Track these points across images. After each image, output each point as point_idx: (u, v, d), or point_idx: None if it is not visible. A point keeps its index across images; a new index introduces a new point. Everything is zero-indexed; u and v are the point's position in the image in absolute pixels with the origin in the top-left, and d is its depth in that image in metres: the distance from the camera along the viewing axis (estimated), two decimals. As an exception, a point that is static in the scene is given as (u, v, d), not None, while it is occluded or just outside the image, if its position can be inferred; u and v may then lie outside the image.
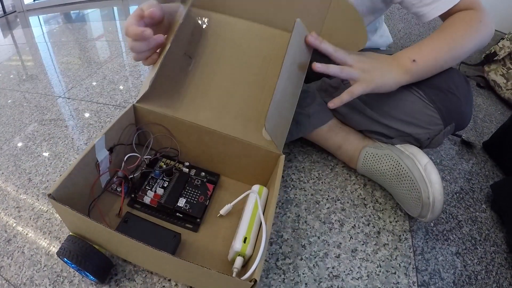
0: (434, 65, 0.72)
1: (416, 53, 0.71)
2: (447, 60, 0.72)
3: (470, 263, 0.70)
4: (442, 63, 0.72)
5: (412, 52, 0.71)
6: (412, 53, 0.71)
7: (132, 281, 0.61)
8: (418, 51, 0.72)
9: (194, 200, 0.67)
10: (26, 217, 0.74)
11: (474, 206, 0.84)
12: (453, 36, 0.72)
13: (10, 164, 0.90)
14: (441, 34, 0.73)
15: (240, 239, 0.56)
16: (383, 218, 0.76)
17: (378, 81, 0.68)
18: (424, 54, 0.71)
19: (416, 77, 0.72)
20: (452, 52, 0.72)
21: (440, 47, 0.72)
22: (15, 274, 0.63)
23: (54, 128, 1.03)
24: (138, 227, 0.60)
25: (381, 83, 0.69)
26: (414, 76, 0.71)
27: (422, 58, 0.71)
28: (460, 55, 0.73)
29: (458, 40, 0.72)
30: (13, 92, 1.30)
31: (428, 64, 0.71)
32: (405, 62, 0.70)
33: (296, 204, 0.78)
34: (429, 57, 0.71)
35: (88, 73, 1.40)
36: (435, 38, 0.73)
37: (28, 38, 2.10)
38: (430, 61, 0.71)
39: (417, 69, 0.70)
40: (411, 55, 0.71)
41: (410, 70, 0.70)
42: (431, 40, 0.73)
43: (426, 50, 0.72)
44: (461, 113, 0.73)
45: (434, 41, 0.73)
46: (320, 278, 0.64)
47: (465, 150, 1.03)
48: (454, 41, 0.72)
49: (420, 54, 0.71)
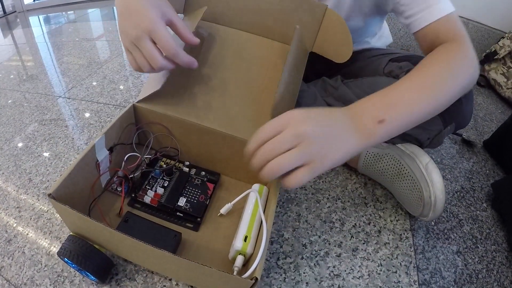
0: (407, 123, 0.56)
1: (385, 108, 0.53)
2: (425, 114, 0.57)
3: (471, 261, 0.70)
4: (420, 118, 0.57)
5: (379, 107, 0.54)
6: (379, 109, 0.53)
7: (133, 281, 0.61)
8: (388, 105, 0.54)
9: (195, 199, 0.67)
10: (27, 217, 0.74)
11: (475, 205, 0.84)
12: (435, 79, 0.58)
13: (10, 164, 0.90)
14: (419, 78, 0.58)
15: (241, 237, 0.56)
16: (384, 217, 0.76)
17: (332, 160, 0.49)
18: (397, 110, 0.54)
19: (380, 141, 0.54)
20: (433, 102, 0.57)
21: (418, 98, 0.56)
22: (16, 274, 0.63)
23: (55, 128, 1.03)
24: (138, 227, 0.60)
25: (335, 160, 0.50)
26: (377, 140, 0.53)
27: (394, 115, 0.53)
28: (443, 104, 0.59)
29: (441, 85, 0.58)
30: (13, 92, 1.30)
31: (400, 123, 0.55)
32: (367, 124, 0.52)
33: (297, 203, 0.78)
34: (402, 113, 0.54)
35: (88, 73, 1.40)
36: (411, 85, 0.58)
37: (28, 38, 2.10)
38: (404, 118, 0.55)
39: (385, 131, 0.53)
40: (377, 112, 0.53)
41: (373, 134, 0.52)
42: (406, 86, 0.57)
43: (399, 103, 0.55)
44: (461, 113, 0.72)
45: (411, 88, 0.57)
46: (321, 277, 0.64)
47: (465, 149, 1.03)
48: (435, 86, 0.57)
49: (390, 109, 0.53)
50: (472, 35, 1.59)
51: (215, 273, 0.47)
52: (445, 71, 0.59)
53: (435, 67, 0.60)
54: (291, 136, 0.47)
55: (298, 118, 0.48)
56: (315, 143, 0.47)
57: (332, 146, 0.49)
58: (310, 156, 0.47)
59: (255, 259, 0.48)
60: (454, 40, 0.64)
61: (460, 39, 0.65)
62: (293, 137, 0.47)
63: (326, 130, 0.49)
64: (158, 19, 0.58)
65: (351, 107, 0.54)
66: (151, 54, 0.58)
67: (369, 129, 0.52)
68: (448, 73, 0.59)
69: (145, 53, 0.58)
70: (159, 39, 0.58)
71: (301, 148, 0.47)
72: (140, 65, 0.60)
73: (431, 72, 0.59)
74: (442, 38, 0.66)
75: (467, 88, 0.63)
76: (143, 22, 0.57)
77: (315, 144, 0.47)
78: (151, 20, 0.57)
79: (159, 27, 0.57)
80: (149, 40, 0.57)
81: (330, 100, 0.83)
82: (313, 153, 0.47)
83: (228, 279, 0.48)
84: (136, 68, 0.61)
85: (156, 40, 0.58)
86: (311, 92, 0.83)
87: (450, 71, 0.59)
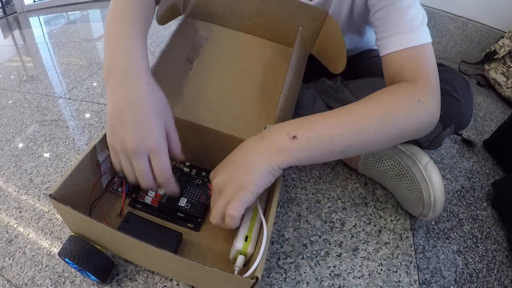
0: (327, 147, 0.54)
1: (300, 126, 0.54)
2: (351, 144, 0.55)
3: (471, 261, 0.70)
4: (343, 147, 0.55)
5: (294, 125, 0.55)
6: (293, 126, 0.54)
7: (133, 281, 0.61)
8: (304, 124, 0.55)
9: (195, 199, 0.67)
10: (28, 218, 0.74)
11: (475, 204, 0.84)
12: (370, 113, 0.56)
13: (11, 164, 0.90)
14: (352, 109, 0.57)
15: (242, 237, 0.56)
16: (384, 217, 0.76)
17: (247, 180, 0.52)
18: (314, 130, 0.54)
19: (297, 159, 0.54)
20: (362, 135, 0.55)
21: (342, 124, 0.55)
22: (17, 275, 0.63)
23: (55, 129, 1.03)
24: (139, 227, 0.60)
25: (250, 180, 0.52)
26: (293, 156, 0.53)
27: (308, 134, 0.53)
28: (376, 142, 0.57)
29: (375, 120, 0.56)
30: (13, 93, 1.30)
31: (316, 144, 0.54)
32: (279, 139, 0.53)
33: (297, 203, 0.78)
34: (319, 133, 0.54)
35: (88, 74, 1.40)
36: (340, 112, 0.57)
37: (28, 39, 2.10)
38: (322, 139, 0.54)
39: (298, 148, 0.53)
40: (291, 128, 0.54)
41: (286, 149, 0.53)
42: (334, 113, 0.57)
43: (317, 124, 0.55)
44: (461, 114, 0.72)
45: (337, 115, 0.56)
46: (321, 277, 0.64)
47: (465, 148, 1.03)
48: (368, 120, 0.55)
49: (305, 128, 0.54)
50: (471, 35, 1.61)
51: (216, 273, 0.47)
52: (385, 111, 0.56)
53: (375, 104, 0.58)
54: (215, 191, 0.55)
55: (215, 181, 0.56)
56: (224, 182, 0.53)
57: (241, 172, 0.53)
58: (228, 193, 0.52)
59: (256, 259, 0.48)
60: (415, 81, 0.60)
61: (422, 81, 0.60)
62: (216, 191, 0.55)
63: (231, 167, 0.55)
64: (162, 138, 0.55)
65: (263, 131, 0.57)
66: (144, 175, 0.54)
67: (280, 145, 0.53)
68: (387, 114, 0.56)
69: (138, 171, 0.54)
70: (159, 165, 0.54)
71: (220, 194, 0.53)
72: (126, 174, 0.56)
73: (367, 105, 0.57)
74: (405, 74, 0.62)
75: (414, 135, 0.60)
76: (147, 140, 0.52)
77: (224, 183, 0.53)
78: (156, 140, 0.53)
79: (162, 150, 0.54)
80: (147, 159, 0.53)
81: (330, 101, 0.83)
82: (228, 190, 0.52)
83: (229, 278, 0.48)
84: (119, 171, 0.57)
85: (155, 163, 0.54)
86: (310, 93, 0.83)
87: (391, 113, 0.56)
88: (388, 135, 0.57)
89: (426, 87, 0.60)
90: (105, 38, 0.60)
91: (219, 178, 0.55)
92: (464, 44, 1.65)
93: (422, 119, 0.59)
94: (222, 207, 0.52)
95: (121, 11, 0.62)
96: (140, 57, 0.57)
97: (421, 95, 0.58)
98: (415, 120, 0.58)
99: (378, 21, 0.68)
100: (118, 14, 0.61)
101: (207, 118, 0.68)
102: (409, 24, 0.63)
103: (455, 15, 1.62)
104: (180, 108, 0.68)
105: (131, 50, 0.57)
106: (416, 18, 0.64)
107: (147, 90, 0.55)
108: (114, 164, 0.57)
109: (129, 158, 0.53)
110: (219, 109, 0.69)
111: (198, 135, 0.69)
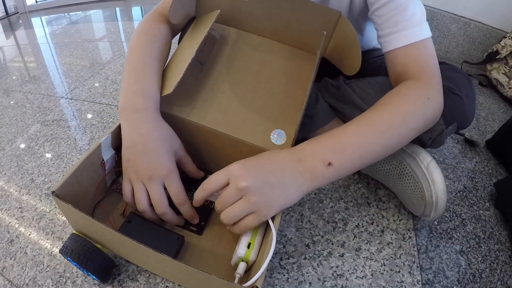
0: (357, 166, 0.56)
1: (334, 151, 0.54)
2: (375, 157, 0.57)
3: (474, 261, 0.70)
4: (370, 160, 0.57)
5: (327, 150, 0.54)
6: (327, 151, 0.54)
7: (135, 281, 0.61)
8: (336, 147, 0.55)
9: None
10: (29, 218, 0.74)
11: (478, 204, 0.83)
12: (391, 123, 0.57)
13: (12, 164, 0.90)
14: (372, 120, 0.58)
15: (244, 244, 0.55)
16: (386, 217, 0.76)
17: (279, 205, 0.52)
18: (347, 153, 0.54)
19: (327, 183, 0.55)
20: (383, 146, 0.57)
21: (370, 140, 0.56)
22: (18, 275, 0.63)
23: (57, 129, 1.03)
24: (141, 228, 0.60)
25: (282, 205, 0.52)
26: (324, 182, 0.54)
27: (342, 159, 0.54)
28: (393, 147, 0.59)
29: (398, 129, 0.57)
30: (15, 93, 1.30)
31: (349, 166, 0.55)
32: (315, 166, 0.53)
33: (300, 203, 0.78)
34: (353, 156, 0.55)
35: (90, 74, 1.40)
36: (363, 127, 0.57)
37: (30, 39, 2.10)
38: (354, 161, 0.55)
39: (332, 174, 0.54)
40: (325, 154, 0.54)
41: (320, 177, 0.53)
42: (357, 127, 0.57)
43: (349, 146, 0.55)
44: (464, 112, 0.72)
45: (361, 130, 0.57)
46: (324, 277, 0.64)
47: (468, 148, 1.03)
48: (390, 131, 0.57)
49: (339, 152, 0.54)
50: (473, 35, 1.60)
51: (215, 280, 0.46)
52: (403, 117, 0.58)
53: (392, 111, 0.59)
54: (233, 191, 0.51)
55: (237, 174, 0.51)
56: (256, 195, 0.50)
57: (275, 193, 0.51)
58: (254, 206, 0.50)
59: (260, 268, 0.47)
60: (420, 78, 0.63)
61: (427, 77, 0.63)
62: (235, 192, 0.51)
63: (267, 180, 0.51)
64: (174, 167, 0.60)
65: (297, 148, 0.56)
66: (160, 200, 0.58)
67: (316, 172, 0.53)
68: (405, 119, 0.58)
69: (154, 196, 0.58)
70: (173, 187, 0.59)
71: (244, 201, 0.50)
72: (139, 202, 0.59)
73: (387, 117, 0.58)
74: (410, 71, 0.64)
75: (423, 129, 0.62)
76: (160, 168, 0.58)
77: (256, 195, 0.50)
78: (169, 168, 0.59)
79: (174, 176, 0.59)
80: (161, 185, 0.58)
81: (332, 100, 0.83)
82: (257, 204, 0.50)
83: (228, 286, 0.47)
84: (129, 201, 0.61)
85: (169, 187, 0.59)
86: (312, 92, 0.83)
87: (408, 117, 0.58)
88: (407, 139, 0.60)
89: (431, 82, 0.62)
90: (122, 74, 0.67)
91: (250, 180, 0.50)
92: (466, 44, 1.65)
93: (431, 115, 0.61)
94: (242, 214, 0.52)
95: (139, 49, 0.69)
96: (149, 97, 0.62)
97: (429, 92, 0.61)
98: (426, 118, 0.61)
99: (379, 18, 0.69)
100: (135, 51, 0.69)
101: (215, 121, 0.67)
102: (410, 20, 0.65)
103: (457, 15, 1.62)
104: (187, 109, 0.67)
105: (142, 91, 0.63)
106: (416, 13, 0.66)
107: (156, 126, 0.61)
108: (125, 194, 0.60)
109: (145, 185, 0.58)
110: (227, 112, 0.68)
111: (204, 137, 0.68)
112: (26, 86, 1.36)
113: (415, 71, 0.64)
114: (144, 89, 0.63)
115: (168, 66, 0.71)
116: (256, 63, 0.74)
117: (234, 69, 0.73)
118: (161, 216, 0.60)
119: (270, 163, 0.54)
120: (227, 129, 0.65)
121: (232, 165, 0.53)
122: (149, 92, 0.63)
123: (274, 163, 0.54)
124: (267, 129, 0.65)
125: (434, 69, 0.64)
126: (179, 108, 0.67)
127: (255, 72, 0.73)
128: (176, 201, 0.59)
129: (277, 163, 0.54)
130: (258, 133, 0.65)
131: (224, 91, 0.70)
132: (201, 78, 0.71)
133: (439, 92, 0.63)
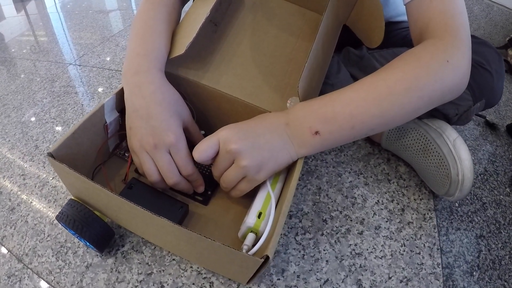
0: (349, 136, 0.53)
1: (323, 119, 0.51)
2: (374, 127, 0.52)
3: (494, 247, 0.66)
4: (366, 132, 0.52)
5: (317, 117, 0.51)
6: (316, 119, 0.51)
7: (140, 253, 0.57)
8: (327, 115, 0.51)
9: (206, 171, 0.63)
10: (31, 185, 0.71)
11: (498, 189, 0.79)
12: (392, 89, 0.50)
13: (17, 131, 0.87)
14: (372, 85, 0.52)
15: (254, 213, 0.51)
16: (407, 195, 0.72)
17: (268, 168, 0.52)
18: (336, 122, 0.51)
19: (315, 151, 0.53)
20: (385, 116, 0.51)
21: (364, 110, 0.50)
22: (18, 244, 0.60)
23: (64, 95, 1.00)
24: (142, 194, 0.56)
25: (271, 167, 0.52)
26: (310, 151, 0.53)
27: (332, 128, 0.51)
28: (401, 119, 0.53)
29: (399, 96, 0.50)
30: (23, 61, 1.27)
31: (338, 136, 0.52)
32: (301, 133, 0.52)
33: (317, 176, 0.73)
34: (343, 125, 0.51)
35: (100, 41, 1.36)
36: (360, 92, 0.52)
37: (40, 9, 2.07)
38: (344, 131, 0.51)
39: (320, 144, 0.52)
40: (314, 122, 0.51)
41: (308, 144, 0.52)
42: (354, 93, 0.52)
43: (339, 115, 0.51)
44: (492, 89, 0.67)
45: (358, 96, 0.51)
46: (342, 256, 0.59)
47: (488, 131, 0.98)
48: (390, 98, 0.50)
49: (328, 121, 0.51)
50: (496, 18, 1.56)
51: (220, 249, 0.42)
52: (409, 82, 0.50)
53: (397, 74, 0.51)
54: (224, 155, 0.51)
55: (226, 137, 0.50)
56: (246, 158, 0.49)
57: (265, 156, 0.51)
58: (245, 170, 0.50)
59: (271, 238, 0.43)
60: (443, 37, 0.53)
61: (450, 36, 0.53)
62: (226, 156, 0.51)
63: (256, 143, 0.50)
64: (181, 133, 0.55)
65: (288, 112, 0.54)
66: (168, 169, 0.54)
67: (303, 139, 0.52)
68: (411, 85, 0.50)
69: (162, 166, 0.53)
70: (180, 157, 0.54)
71: (236, 165, 0.51)
72: (149, 173, 0.55)
73: (390, 81, 0.51)
74: (432, 28, 0.55)
75: (442, 100, 0.54)
76: (166, 135, 0.53)
77: (246, 159, 0.49)
78: (175, 134, 0.53)
79: (182, 144, 0.54)
80: (168, 153, 0.53)
81: (354, 70, 0.78)
82: (247, 168, 0.50)
83: (234, 256, 0.43)
84: (143, 174, 0.56)
85: (176, 156, 0.54)
86: (334, 61, 0.78)
87: (415, 83, 0.50)
88: (413, 108, 0.52)
89: (455, 43, 0.53)
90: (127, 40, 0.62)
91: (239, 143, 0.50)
92: (488, 27, 1.60)
93: (450, 82, 0.52)
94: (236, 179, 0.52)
95: (144, 14, 0.63)
96: (152, 58, 0.57)
97: (449, 55, 0.51)
98: (443, 84, 0.51)
99: None
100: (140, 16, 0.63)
101: (228, 85, 0.61)
102: None
103: (481, -4, 1.57)
104: (200, 72, 0.62)
105: (145, 53, 0.57)
106: None
107: (160, 88, 0.55)
108: (138, 166, 0.57)
109: (150, 155, 0.54)
110: (242, 76, 0.63)
111: (217, 103, 0.63)
112: (34, 54, 1.32)
113: (438, 28, 0.54)
114: (147, 50, 0.58)
115: (180, 26, 0.66)
116: (274, 27, 0.69)
117: (250, 32, 0.68)
118: (173, 187, 0.56)
119: (259, 126, 0.53)
120: (242, 94, 0.61)
121: (221, 129, 0.52)
122: (153, 53, 0.58)
123: (263, 126, 0.53)
124: (284, 96, 0.60)
125: (461, 28, 0.54)
126: (191, 71, 0.62)
127: (273, 36, 0.68)
128: (184, 173, 0.55)
129: (266, 126, 0.53)
130: (274, 100, 0.60)
131: (240, 55, 0.65)
132: (215, 40, 0.66)
133: (464, 57, 0.53)
